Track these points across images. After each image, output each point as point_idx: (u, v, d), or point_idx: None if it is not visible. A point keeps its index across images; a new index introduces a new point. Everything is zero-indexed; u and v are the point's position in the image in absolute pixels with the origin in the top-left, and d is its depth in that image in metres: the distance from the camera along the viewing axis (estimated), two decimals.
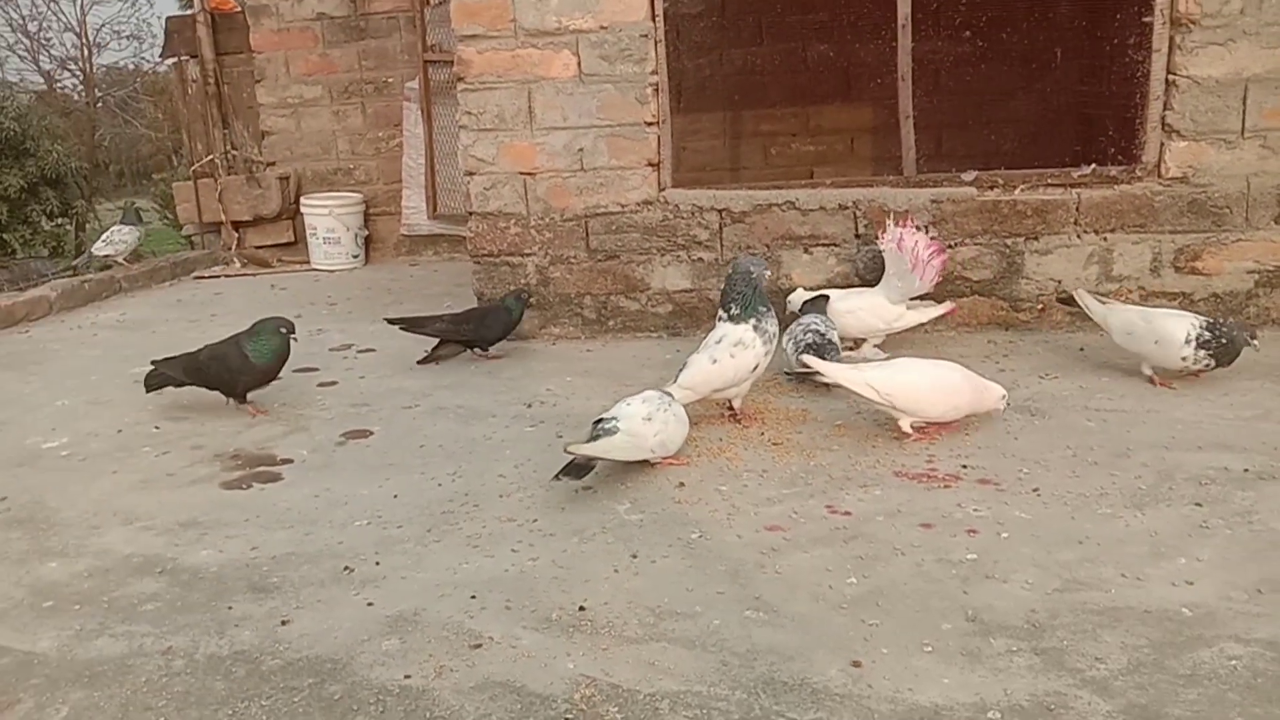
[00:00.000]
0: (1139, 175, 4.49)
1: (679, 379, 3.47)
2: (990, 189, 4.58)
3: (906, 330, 4.32)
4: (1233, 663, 2.08)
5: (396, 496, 3.15)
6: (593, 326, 4.91)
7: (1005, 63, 6.47)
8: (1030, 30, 6.34)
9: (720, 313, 3.59)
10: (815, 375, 3.47)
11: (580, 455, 3.01)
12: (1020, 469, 3.11)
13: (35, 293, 6.33)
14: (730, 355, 3.44)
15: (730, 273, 3.57)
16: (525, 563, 2.66)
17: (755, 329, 3.46)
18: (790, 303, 4.41)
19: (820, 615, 2.34)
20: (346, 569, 2.68)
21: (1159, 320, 3.73)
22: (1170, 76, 4.36)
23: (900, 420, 3.35)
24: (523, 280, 4.88)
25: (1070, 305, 4.18)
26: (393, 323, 4.61)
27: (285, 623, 2.43)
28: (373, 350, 4.91)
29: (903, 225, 4.20)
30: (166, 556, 2.82)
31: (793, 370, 3.86)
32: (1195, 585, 2.39)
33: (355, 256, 7.51)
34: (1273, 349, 3.70)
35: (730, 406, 3.63)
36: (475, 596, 2.49)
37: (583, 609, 2.41)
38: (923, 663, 2.13)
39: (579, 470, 3.02)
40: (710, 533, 2.78)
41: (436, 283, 6.56)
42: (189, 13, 7.82)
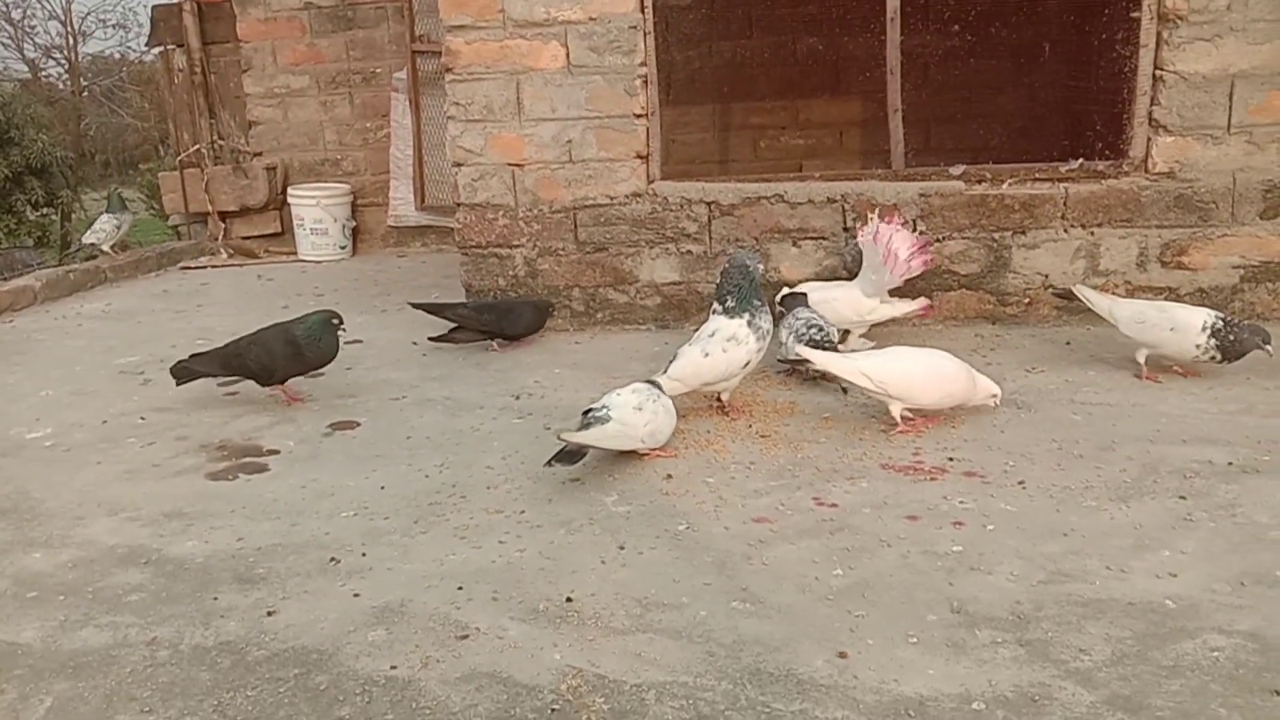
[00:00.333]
0: (1126, 170, 4.50)
1: (669, 370, 3.45)
2: (978, 183, 4.59)
3: (887, 323, 4.33)
4: (1215, 654, 2.10)
5: (383, 488, 3.14)
6: (581, 319, 4.91)
7: (994, 57, 6.49)
8: (1019, 25, 6.35)
9: (715, 305, 3.59)
10: (806, 365, 3.47)
11: (572, 443, 3.01)
12: (1006, 462, 3.12)
13: (19, 282, 6.28)
14: (722, 350, 3.42)
15: (726, 266, 3.56)
16: (512, 554, 2.66)
17: (749, 325, 3.44)
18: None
19: (806, 606, 2.35)
20: (333, 560, 2.67)
21: (1173, 310, 3.74)
22: (1157, 72, 4.37)
23: (891, 407, 3.36)
24: (511, 272, 4.87)
25: (1069, 299, 4.16)
26: (416, 306, 4.72)
27: (271, 613, 2.42)
28: (360, 341, 4.89)
29: (888, 220, 4.20)
30: (151, 547, 2.81)
31: (786, 359, 3.86)
32: (1179, 577, 2.41)
33: (343, 247, 7.48)
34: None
35: (719, 399, 3.63)
36: (462, 588, 2.49)
37: (570, 600, 2.41)
38: (908, 654, 2.14)
39: (570, 457, 3.02)
40: (697, 524, 2.78)
41: (424, 274, 6.54)
42: (175, 1, 7.76)
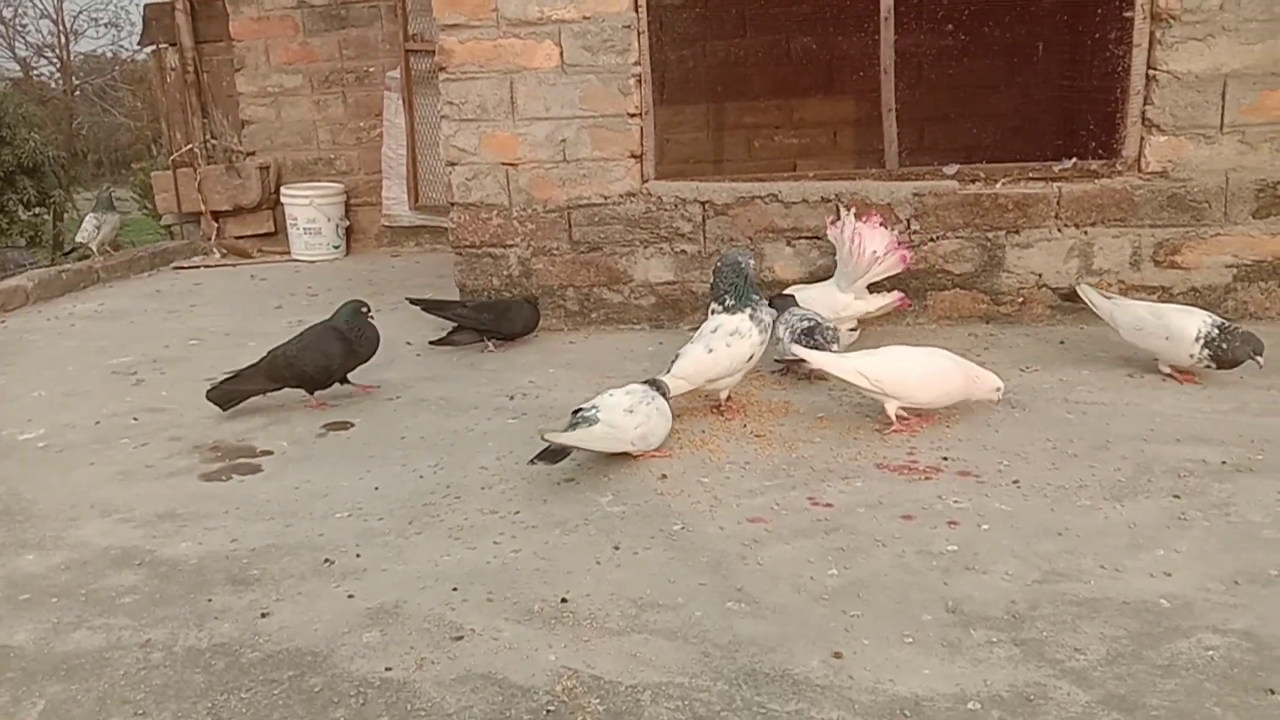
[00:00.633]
0: (1119, 170, 4.51)
1: (673, 369, 3.44)
2: (972, 182, 4.60)
3: (872, 319, 4.36)
4: (1209, 653, 2.10)
5: (377, 488, 3.13)
6: (575, 319, 4.90)
7: (987, 57, 6.49)
8: (1012, 24, 6.35)
9: (714, 305, 3.58)
10: (801, 364, 3.47)
11: (555, 443, 3.00)
12: (1000, 461, 3.13)
13: (11, 282, 6.26)
14: (726, 344, 3.42)
15: (719, 265, 3.57)
16: (507, 555, 2.65)
17: (751, 318, 3.44)
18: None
19: (801, 606, 2.35)
20: (327, 561, 2.66)
21: (1170, 316, 3.70)
22: (1151, 71, 4.38)
23: (887, 405, 3.35)
24: (505, 272, 4.86)
25: (1073, 300, 4.15)
26: (414, 302, 4.69)
27: (265, 615, 2.41)
28: None
29: (866, 219, 4.23)
30: (145, 549, 2.80)
31: (782, 359, 3.86)
32: (1173, 576, 2.41)
33: (336, 247, 7.46)
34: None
35: (718, 398, 3.62)
36: (457, 588, 2.48)
37: (565, 601, 2.40)
38: (903, 654, 2.14)
39: (554, 456, 3.02)
40: (692, 524, 2.78)
41: (418, 274, 6.53)
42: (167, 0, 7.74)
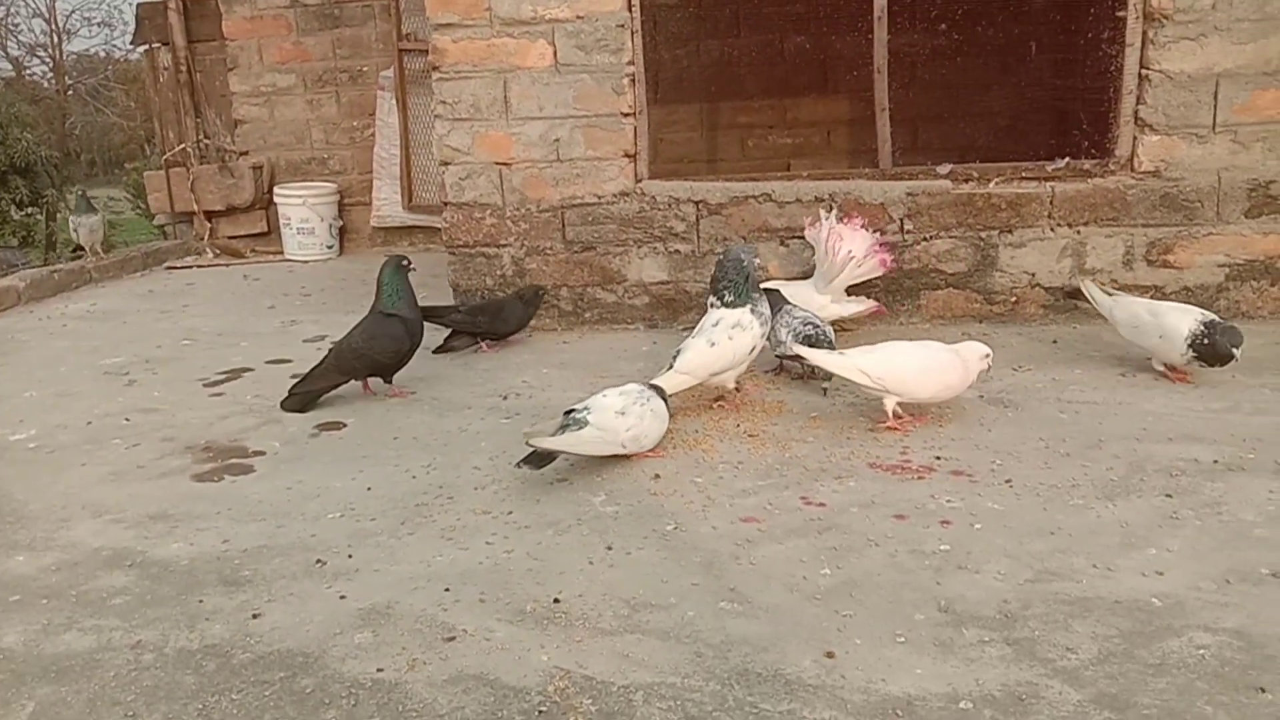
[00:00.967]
0: (1112, 169, 4.52)
1: (676, 364, 3.46)
2: (965, 182, 4.60)
3: (848, 321, 4.39)
4: (1201, 652, 2.10)
5: (370, 489, 3.13)
6: (569, 318, 4.90)
7: (980, 56, 6.50)
8: (1005, 24, 6.37)
9: (712, 299, 3.59)
10: (796, 363, 3.46)
11: (541, 448, 2.98)
12: (993, 460, 3.13)
13: (3, 283, 6.23)
14: (729, 337, 3.44)
15: (721, 260, 3.58)
16: (500, 555, 2.65)
17: (753, 312, 3.47)
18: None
19: (794, 606, 2.35)
20: (319, 562, 2.66)
21: (1164, 315, 3.70)
22: (1143, 71, 4.39)
23: (886, 401, 3.36)
24: (498, 272, 4.86)
25: (1076, 298, 4.15)
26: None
27: (256, 616, 2.41)
28: None
29: (848, 220, 4.27)
30: (136, 549, 2.79)
31: (783, 355, 3.86)
32: (1165, 575, 2.41)
33: (329, 247, 7.45)
34: (1245, 342, 3.71)
35: (721, 393, 3.63)
36: (449, 589, 2.48)
37: (557, 601, 2.40)
38: (895, 653, 2.14)
39: (540, 460, 3.01)
40: (686, 524, 2.78)
41: (412, 274, 6.49)
42: None
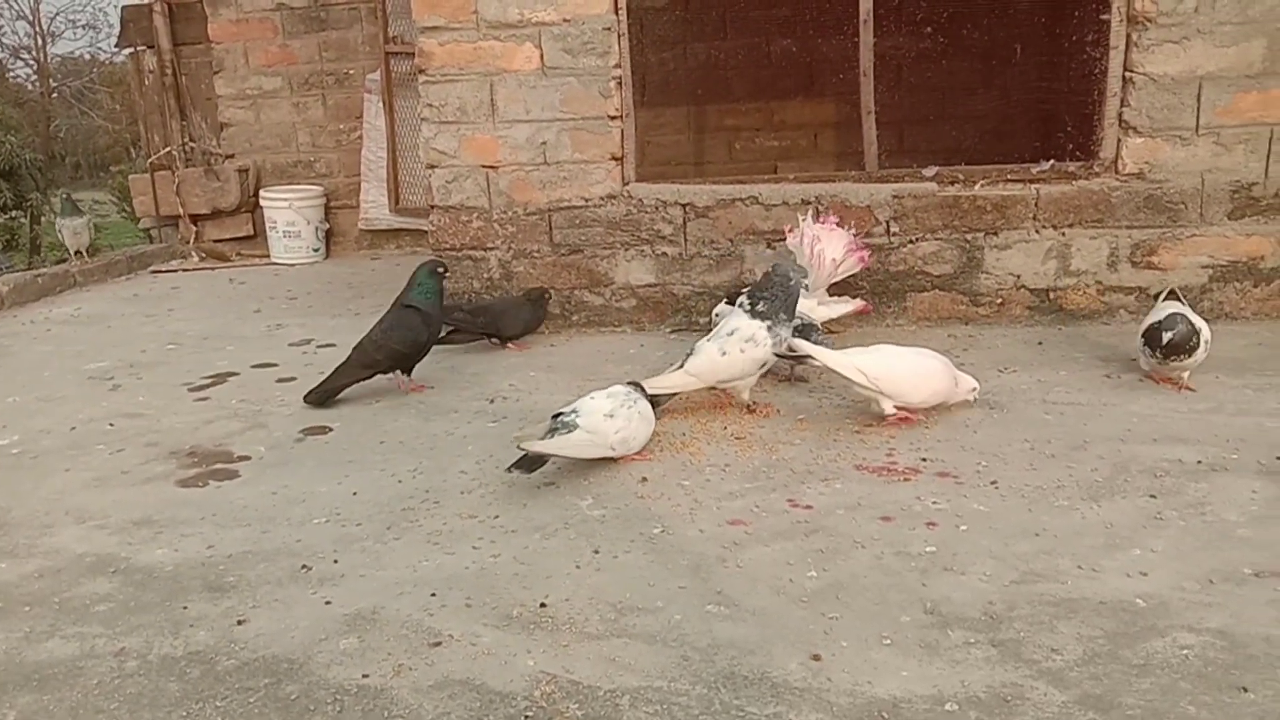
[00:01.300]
0: (1097, 171, 4.54)
1: (686, 364, 3.49)
2: (951, 184, 4.62)
3: (839, 321, 4.40)
4: (1185, 652, 2.11)
5: (356, 493, 3.11)
6: (556, 321, 4.89)
7: (966, 59, 6.53)
8: (990, 27, 6.39)
9: (744, 299, 3.57)
10: (794, 367, 3.47)
11: (532, 451, 2.99)
12: (979, 462, 3.14)
13: None
14: (740, 350, 3.45)
15: (770, 272, 3.56)
16: (486, 559, 2.64)
17: (770, 330, 3.45)
18: (716, 315, 4.43)
19: (781, 609, 2.35)
20: (304, 567, 2.65)
21: (1146, 321, 3.71)
22: (1127, 74, 4.41)
23: (883, 404, 3.38)
24: (485, 275, 4.85)
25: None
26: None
27: (241, 622, 2.39)
28: (333, 345, 4.86)
29: (822, 221, 4.29)
30: (120, 556, 2.77)
31: (781, 354, 3.87)
32: (1149, 576, 2.42)
33: (316, 250, 7.43)
34: (1227, 343, 3.74)
35: (738, 398, 3.63)
36: (435, 594, 2.47)
37: (544, 605, 2.39)
38: (881, 655, 2.15)
39: (531, 464, 3.00)
40: (672, 528, 2.78)
41: (398, 277, 6.40)
42: (145, 2, 7.69)
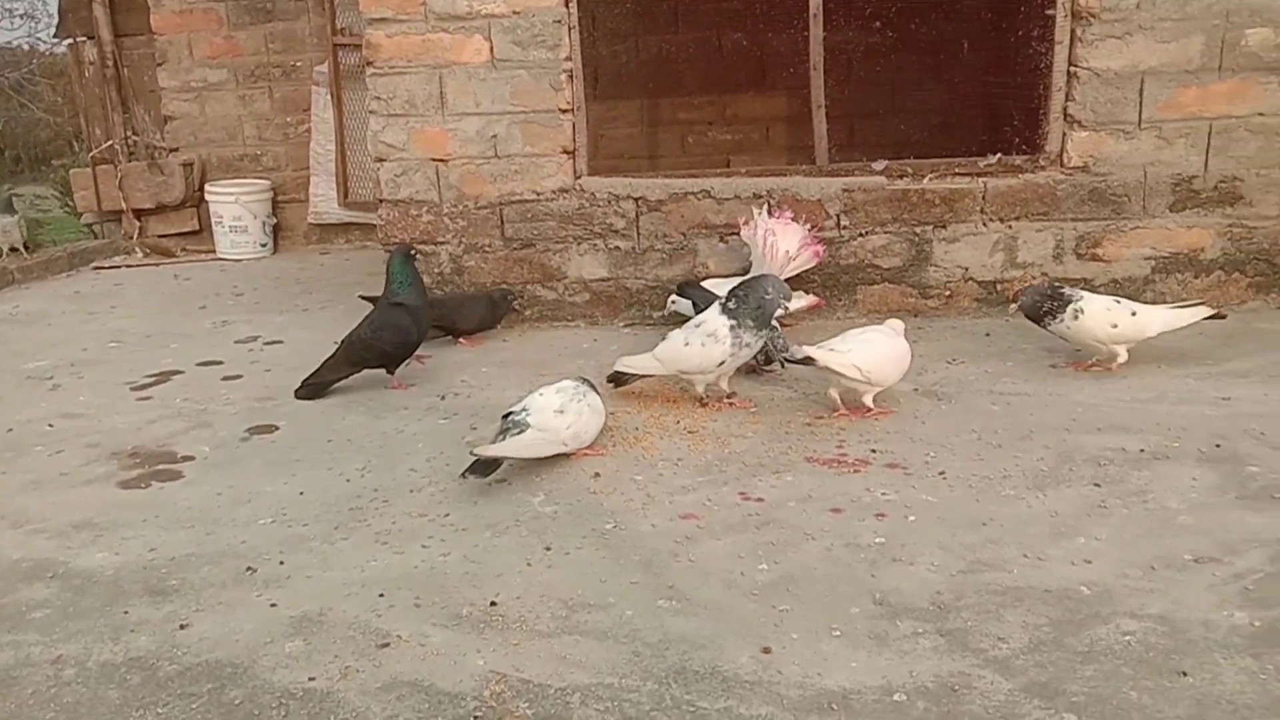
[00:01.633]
0: (1042, 165, 4.60)
1: (655, 350, 3.57)
2: (900, 178, 4.65)
3: (791, 316, 4.36)
4: (1127, 638, 2.15)
5: (303, 493, 3.07)
6: (509, 316, 4.85)
7: (914, 53, 6.57)
8: (938, 22, 6.44)
9: (727, 297, 3.57)
10: (807, 363, 3.47)
11: (485, 456, 2.96)
12: (927, 453, 3.17)
13: None
14: (701, 344, 3.49)
15: (758, 280, 3.56)
16: (436, 558, 2.62)
17: (732, 330, 3.45)
18: (672, 302, 4.51)
19: (732, 603, 2.35)
20: (249, 569, 2.60)
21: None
22: (1072, 68, 4.47)
23: (866, 396, 3.44)
24: (436, 269, 4.79)
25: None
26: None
27: (184, 626, 2.35)
28: (280, 342, 4.78)
29: (777, 215, 4.32)
30: (58, 560, 2.70)
31: (786, 360, 3.86)
32: (1093, 564, 2.46)
33: (263, 245, 7.30)
34: (1169, 334, 3.80)
35: (696, 390, 3.65)
36: (384, 595, 2.44)
37: (494, 604, 2.38)
38: (831, 647, 2.16)
39: (485, 468, 2.98)
40: (625, 523, 2.77)
41: (348, 272, 6.41)
42: None
